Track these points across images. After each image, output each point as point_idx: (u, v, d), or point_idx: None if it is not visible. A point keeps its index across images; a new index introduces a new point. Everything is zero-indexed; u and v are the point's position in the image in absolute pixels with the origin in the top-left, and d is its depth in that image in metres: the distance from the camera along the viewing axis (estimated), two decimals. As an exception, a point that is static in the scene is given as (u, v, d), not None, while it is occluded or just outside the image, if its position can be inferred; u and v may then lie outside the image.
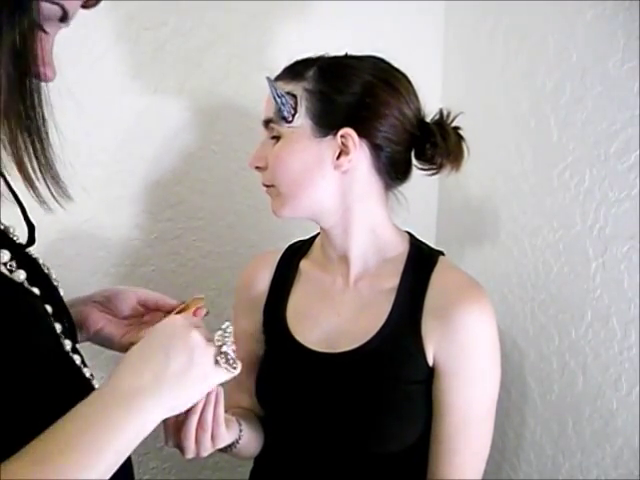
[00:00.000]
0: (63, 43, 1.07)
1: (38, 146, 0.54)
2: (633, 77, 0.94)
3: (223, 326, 0.63)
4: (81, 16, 1.15)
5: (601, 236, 1.02)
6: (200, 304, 0.75)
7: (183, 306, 0.77)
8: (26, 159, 0.53)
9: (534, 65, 1.14)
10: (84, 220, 1.13)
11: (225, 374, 0.62)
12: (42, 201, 0.56)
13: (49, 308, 0.60)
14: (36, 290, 0.59)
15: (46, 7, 0.52)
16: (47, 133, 0.54)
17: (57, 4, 0.53)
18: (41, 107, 0.54)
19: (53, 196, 0.56)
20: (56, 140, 0.56)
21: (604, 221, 1.01)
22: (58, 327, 0.60)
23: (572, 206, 1.07)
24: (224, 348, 0.61)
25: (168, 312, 0.78)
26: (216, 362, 0.60)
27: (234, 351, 0.62)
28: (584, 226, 1.05)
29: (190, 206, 1.23)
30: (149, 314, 0.81)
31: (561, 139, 1.09)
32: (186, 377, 0.58)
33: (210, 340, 0.62)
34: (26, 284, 0.58)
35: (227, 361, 0.61)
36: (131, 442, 0.54)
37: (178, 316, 0.62)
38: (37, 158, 0.54)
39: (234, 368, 0.62)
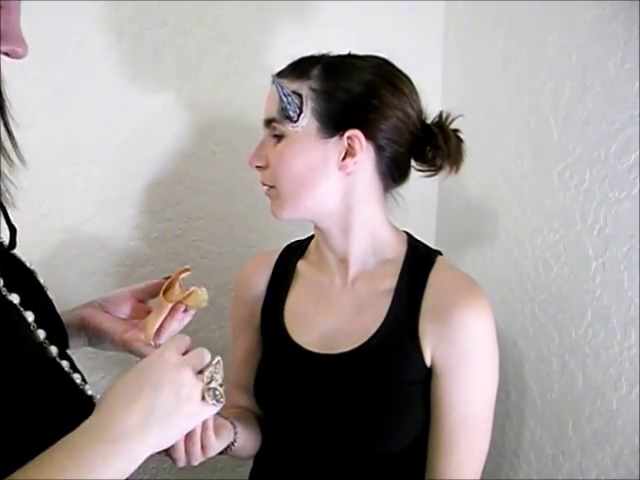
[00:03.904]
0: (64, 43, 1.08)
1: None
2: (633, 77, 0.94)
3: (214, 362, 0.63)
4: (81, 16, 1.15)
5: (601, 236, 1.02)
6: (185, 274, 0.78)
7: (169, 280, 0.78)
8: None
9: (534, 65, 1.14)
10: (84, 220, 1.13)
11: (212, 409, 0.61)
12: None
13: (30, 315, 0.58)
14: (15, 297, 0.57)
15: None
16: None
17: None
18: None
19: None
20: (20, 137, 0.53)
21: (604, 221, 1.01)
22: (42, 333, 0.59)
23: (572, 206, 1.07)
24: (212, 384, 0.61)
25: (157, 294, 0.79)
26: (203, 397, 0.60)
27: (221, 385, 0.62)
28: (584, 226, 1.05)
29: (190, 206, 1.23)
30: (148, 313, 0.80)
31: (561, 139, 1.09)
32: (174, 416, 0.57)
33: (201, 372, 0.61)
34: (4, 291, 0.56)
35: (215, 396, 0.61)
36: None
37: (171, 354, 0.60)
38: None
39: (220, 402, 0.62)
